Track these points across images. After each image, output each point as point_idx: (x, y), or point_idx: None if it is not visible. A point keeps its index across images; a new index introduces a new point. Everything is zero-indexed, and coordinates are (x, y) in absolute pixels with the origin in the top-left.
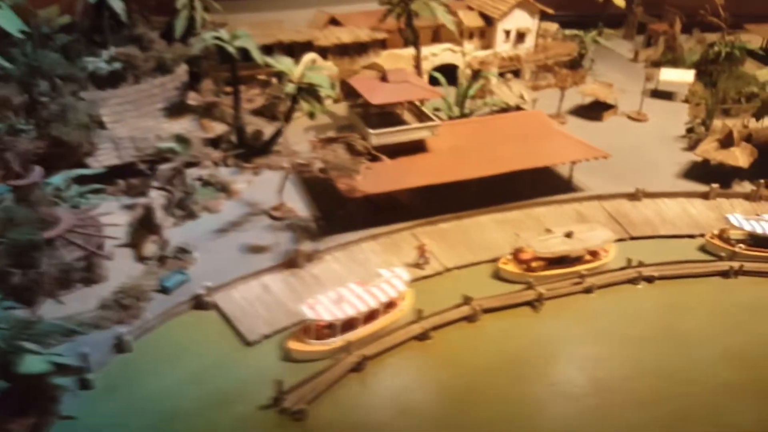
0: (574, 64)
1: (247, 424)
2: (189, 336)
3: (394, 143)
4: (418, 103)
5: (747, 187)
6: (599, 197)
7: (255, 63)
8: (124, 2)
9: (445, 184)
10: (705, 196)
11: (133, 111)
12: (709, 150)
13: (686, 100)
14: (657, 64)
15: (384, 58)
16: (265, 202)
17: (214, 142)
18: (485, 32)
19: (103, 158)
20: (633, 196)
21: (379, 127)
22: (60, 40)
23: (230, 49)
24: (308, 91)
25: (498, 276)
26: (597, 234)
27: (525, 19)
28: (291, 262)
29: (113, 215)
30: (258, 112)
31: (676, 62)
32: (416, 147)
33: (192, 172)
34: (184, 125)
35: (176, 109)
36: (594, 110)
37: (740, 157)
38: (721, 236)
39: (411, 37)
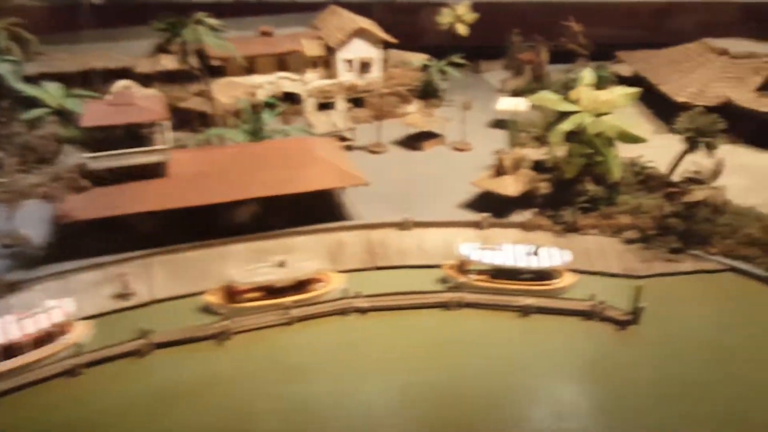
0: (429, 94)
1: None
2: None
3: (123, 167)
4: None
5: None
6: (368, 226)
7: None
8: None
9: (202, 213)
10: (478, 225)
11: None
12: (483, 179)
13: (522, 130)
14: (520, 93)
15: (220, 86)
16: None
17: None
18: (329, 61)
19: None
20: (402, 226)
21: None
22: None
23: None
24: (64, 116)
25: (205, 308)
26: (309, 264)
27: (366, 49)
28: None
29: None
30: None
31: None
32: (153, 172)
33: None
34: None
35: None
36: (421, 140)
37: (511, 185)
38: (461, 267)
39: (194, 69)
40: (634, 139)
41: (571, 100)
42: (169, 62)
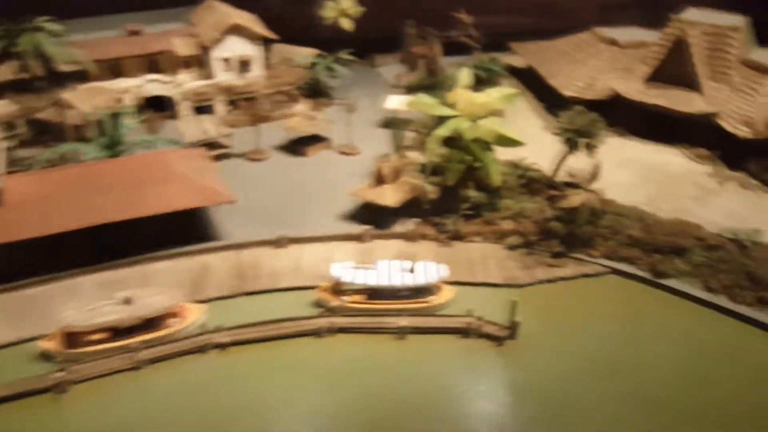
0: (317, 93)
1: None
2: None
3: None
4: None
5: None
6: (238, 246)
7: None
8: None
9: (40, 242)
10: (359, 239)
11: None
12: (362, 189)
13: (415, 130)
14: (414, 89)
15: (80, 92)
16: None
17: None
18: (204, 61)
19: None
20: (276, 244)
21: None
22: None
23: None
24: None
25: (43, 355)
26: (159, 299)
27: (244, 46)
28: None
29: None
30: None
31: (435, 87)
32: None
33: None
34: None
35: None
36: (305, 144)
37: (390, 195)
38: (335, 288)
39: (37, 77)
40: (512, 143)
41: (449, 103)
42: (9, 71)
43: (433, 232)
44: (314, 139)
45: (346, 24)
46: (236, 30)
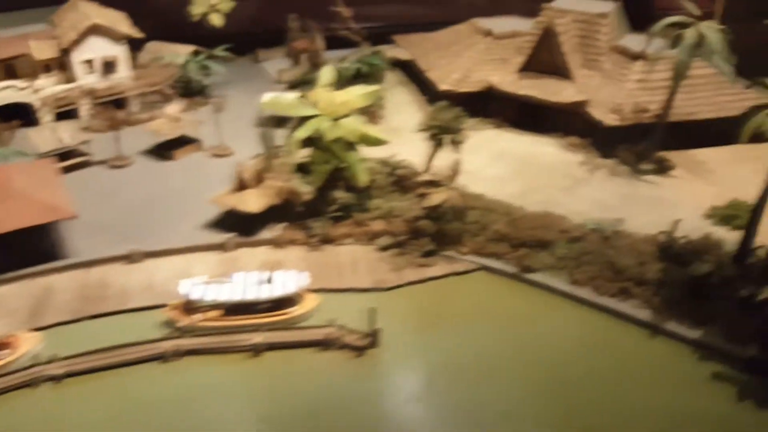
0: (193, 92)
1: None
2: None
3: None
4: None
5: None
6: (86, 264)
7: None
8: None
9: None
10: (222, 248)
11: None
12: (224, 195)
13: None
14: (295, 84)
15: None
16: None
17: None
18: (65, 64)
19: None
20: (129, 259)
21: None
22: None
23: None
24: None
25: None
26: None
27: (107, 47)
28: None
29: None
30: None
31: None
32: None
33: None
34: None
35: None
36: (173, 147)
37: (252, 201)
38: (187, 306)
39: None
40: (376, 142)
41: (311, 102)
42: None
43: (302, 236)
44: (183, 142)
45: (216, 20)
46: (97, 30)
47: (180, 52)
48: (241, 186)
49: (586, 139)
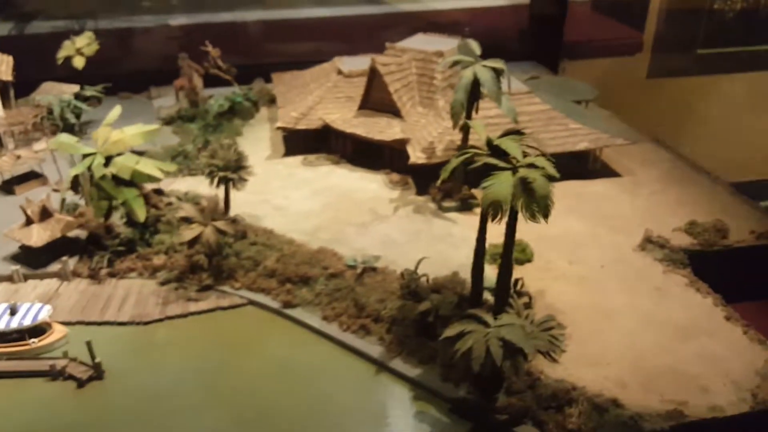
0: (67, 129)
1: None
2: None
3: None
4: None
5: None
6: None
7: None
8: None
9: None
10: (10, 279)
11: None
12: (14, 229)
13: None
14: (171, 121)
15: None
16: None
17: None
18: None
19: None
20: None
21: None
22: None
23: None
24: None
25: None
26: None
27: None
28: None
29: None
30: None
31: (194, 118)
32: None
33: None
34: None
35: None
36: (21, 182)
37: (35, 235)
38: None
39: None
40: (149, 179)
41: (94, 140)
42: None
43: (86, 269)
44: (32, 177)
45: (79, 62)
46: None
47: (65, 92)
48: (29, 221)
49: (408, 175)
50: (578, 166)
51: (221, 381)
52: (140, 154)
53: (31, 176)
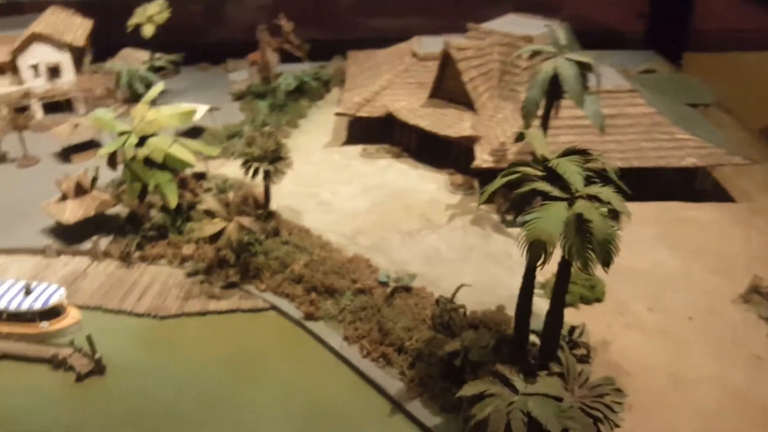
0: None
1: None
2: None
3: None
4: None
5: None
6: None
7: None
8: None
9: None
10: (44, 253)
11: None
12: (50, 203)
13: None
14: (243, 96)
15: None
16: None
17: None
18: (16, 67)
19: None
20: None
21: None
22: None
23: None
24: None
25: None
26: None
27: (51, 53)
28: None
29: None
30: None
31: (266, 94)
32: None
33: None
34: None
35: None
36: (78, 151)
37: (68, 211)
38: None
39: None
40: (182, 164)
41: (132, 118)
42: None
43: (118, 250)
44: (89, 146)
45: (148, 30)
46: (38, 38)
47: (140, 59)
48: (64, 196)
49: (475, 178)
50: (683, 183)
51: (225, 402)
52: (200, 131)
53: (92, 145)
